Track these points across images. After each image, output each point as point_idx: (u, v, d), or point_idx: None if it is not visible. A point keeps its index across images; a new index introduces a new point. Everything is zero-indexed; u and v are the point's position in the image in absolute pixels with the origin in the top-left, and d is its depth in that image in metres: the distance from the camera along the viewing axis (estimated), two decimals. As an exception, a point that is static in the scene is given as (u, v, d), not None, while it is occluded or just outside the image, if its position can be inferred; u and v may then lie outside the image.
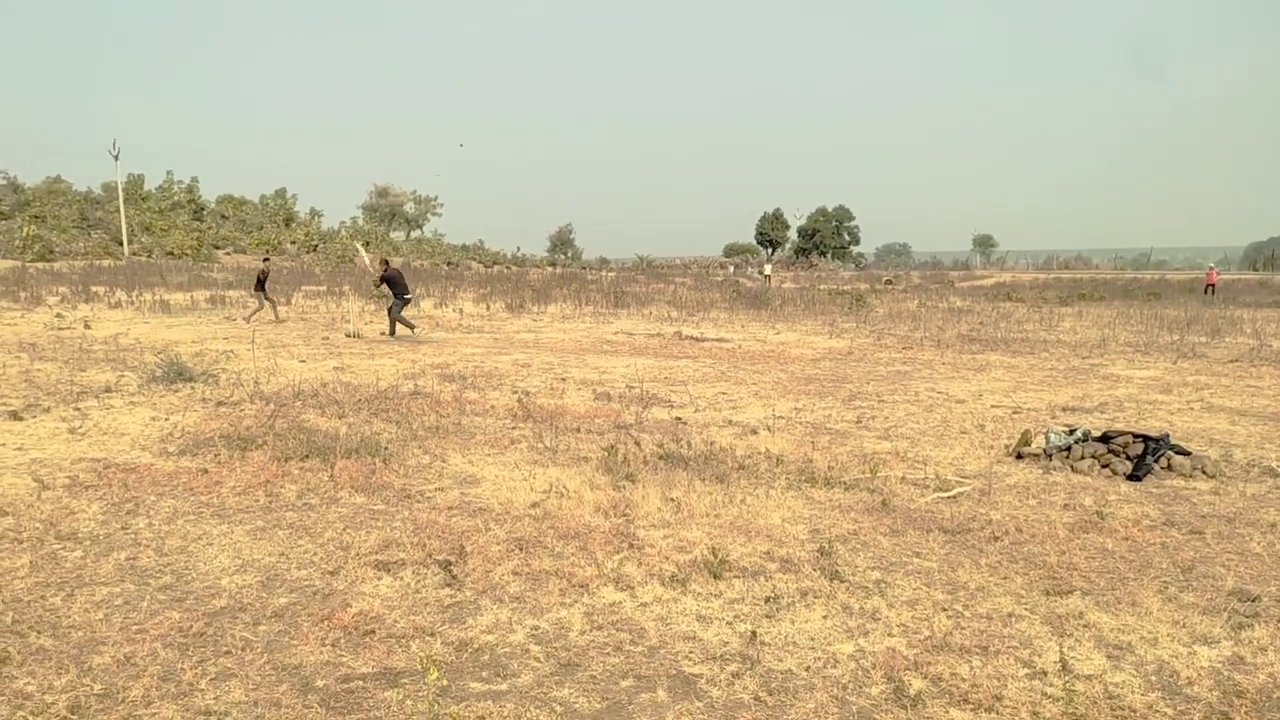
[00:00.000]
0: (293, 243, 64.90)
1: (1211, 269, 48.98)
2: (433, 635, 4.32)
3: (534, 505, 6.42)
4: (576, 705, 3.70)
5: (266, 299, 22.56)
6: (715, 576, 5.07)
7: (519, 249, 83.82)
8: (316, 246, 64.10)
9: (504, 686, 3.84)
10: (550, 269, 64.21)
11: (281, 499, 6.48)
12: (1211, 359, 16.57)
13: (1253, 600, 4.80)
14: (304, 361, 14.38)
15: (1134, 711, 3.66)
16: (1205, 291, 42.16)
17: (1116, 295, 42.01)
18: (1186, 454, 7.76)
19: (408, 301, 19.56)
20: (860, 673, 3.99)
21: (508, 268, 64.37)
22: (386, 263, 20.04)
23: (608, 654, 4.15)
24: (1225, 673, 4.01)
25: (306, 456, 7.51)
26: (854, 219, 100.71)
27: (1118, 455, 7.68)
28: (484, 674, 3.96)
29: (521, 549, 5.49)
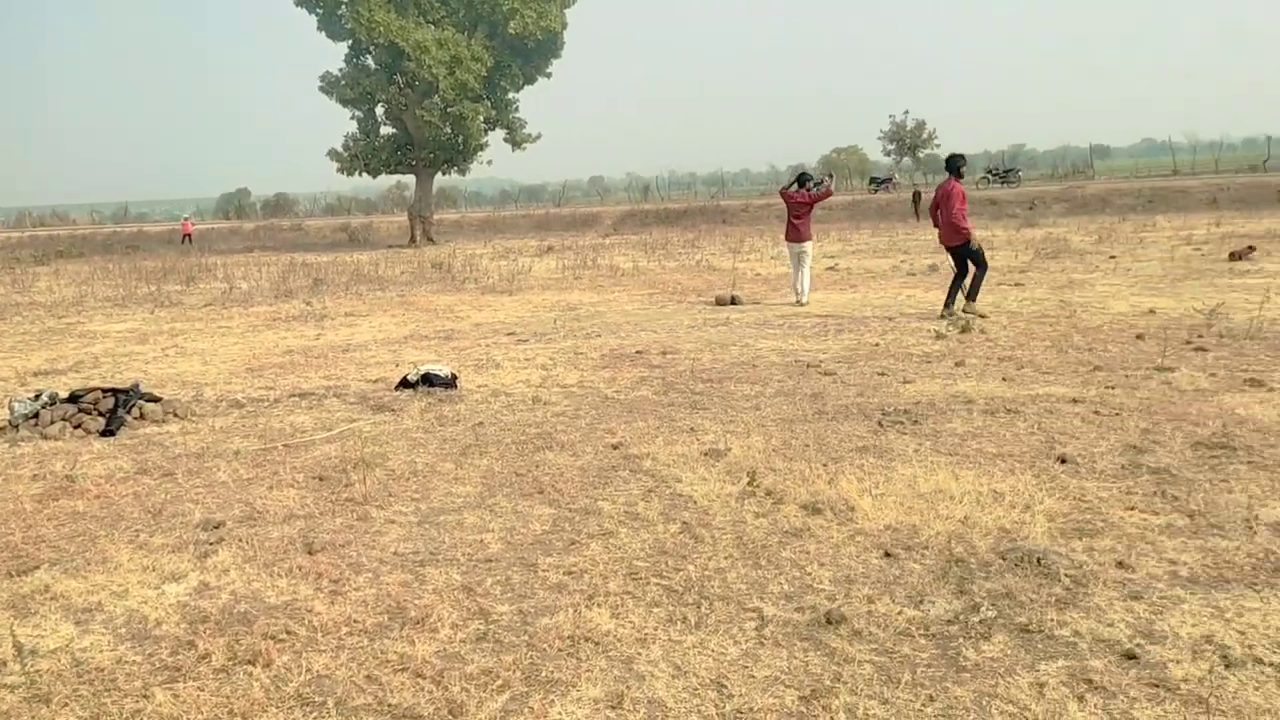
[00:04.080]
0: None
1: (186, 219, 51.16)
2: None
3: None
4: None
5: None
6: None
7: None
8: None
9: None
10: None
11: None
12: (187, 305, 17.30)
13: (217, 527, 5.13)
14: None
15: (103, 670, 3.60)
16: (183, 241, 43.90)
17: (97, 250, 41.08)
18: (158, 400, 7.93)
19: None
20: None
21: None
22: None
23: None
24: (192, 603, 4.20)
25: None
26: None
27: (89, 413, 7.47)
28: None
29: None
